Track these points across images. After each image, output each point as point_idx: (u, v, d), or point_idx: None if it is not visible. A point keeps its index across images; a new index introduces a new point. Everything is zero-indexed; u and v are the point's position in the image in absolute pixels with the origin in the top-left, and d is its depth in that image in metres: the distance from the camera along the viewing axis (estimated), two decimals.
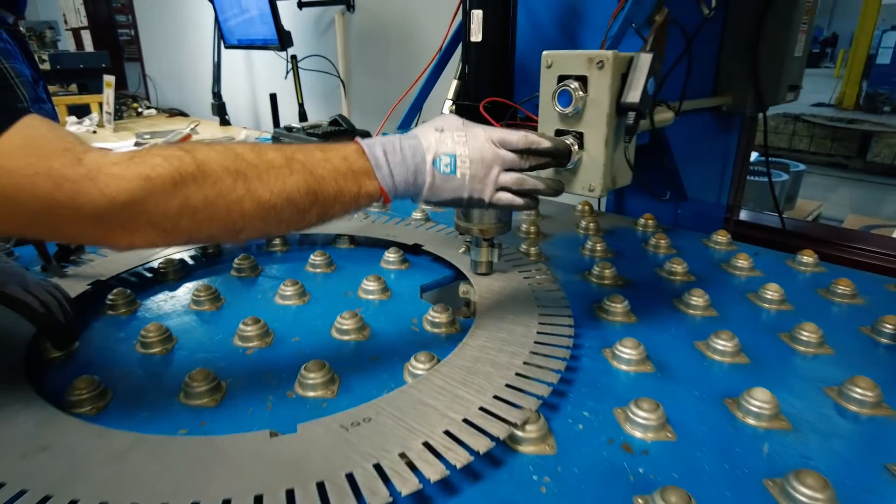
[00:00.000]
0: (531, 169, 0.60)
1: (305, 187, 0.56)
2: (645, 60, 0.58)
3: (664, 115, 0.80)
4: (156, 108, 3.82)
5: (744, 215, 1.50)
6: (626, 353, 0.70)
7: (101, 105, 3.23)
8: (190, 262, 1.05)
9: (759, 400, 0.60)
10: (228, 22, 2.52)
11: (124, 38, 5.41)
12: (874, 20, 9.29)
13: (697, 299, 0.84)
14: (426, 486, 0.49)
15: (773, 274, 0.98)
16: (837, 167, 6.02)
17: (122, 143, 2.61)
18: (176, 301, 0.89)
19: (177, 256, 1.02)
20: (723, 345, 0.72)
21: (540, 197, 0.63)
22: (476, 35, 0.74)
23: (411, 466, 0.50)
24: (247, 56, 3.05)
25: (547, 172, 0.67)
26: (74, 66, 3.45)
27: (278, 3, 2.11)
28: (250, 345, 0.75)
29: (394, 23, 2.13)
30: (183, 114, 3.67)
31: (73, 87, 3.59)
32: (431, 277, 0.97)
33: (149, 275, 0.99)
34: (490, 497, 0.50)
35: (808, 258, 1.01)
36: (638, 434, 0.58)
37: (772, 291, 0.87)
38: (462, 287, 0.92)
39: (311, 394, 0.64)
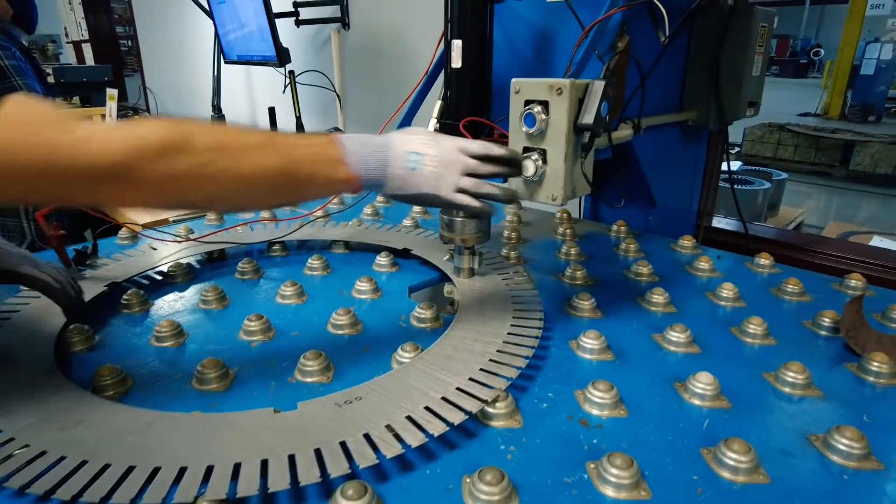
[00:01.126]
0: (490, 176, 0.69)
1: (282, 167, 0.62)
2: (598, 87, 0.67)
3: (623, 133, 0.90)
4: None
5: (715, 221, 1.59)
6: (589, 344, 0.79)
7: (103, 117, 3.31)
8: (196, 265, 1.13)
9: (702, 382, 0.69)
10: (228, 37, 2.61)
11: (123, 49, 5.50)
12: (857, 32, 9.49)
13: (658, 297, 0.93)
14: (408, 452, 0.58)
15: (732, 275, 1.07)
16: (822, 175, 6.16)
17: None
18: (185, 301, 0.98)
19: (184, 261, 1.10)
20: (676, 336, 0.81)
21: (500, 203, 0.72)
22: (456, 62, 0.83)
23: (396, 436, 0.58)
24: (246, 70, 3.14)
25: (517, 184, 0.76)
26: (78, 79, 3.54)
27: (277, 20, 2.21)
28: (254, 338, 0.83)
29: (386, 39, 2.23)
30: None
31: (76, 99, 3.67)
32: (419, 279, 1.06)
33: (159, 277, 1.08)
34: (463, 462, 0.58)
35: (764, 260, 1.10)
36: (594, 411, 0.66)
37: (727, 290, 0.96)
38: (446, 287, 1.01)
39: (309, 379, 0.73)
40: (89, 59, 5.48)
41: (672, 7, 0.88)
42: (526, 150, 0.73)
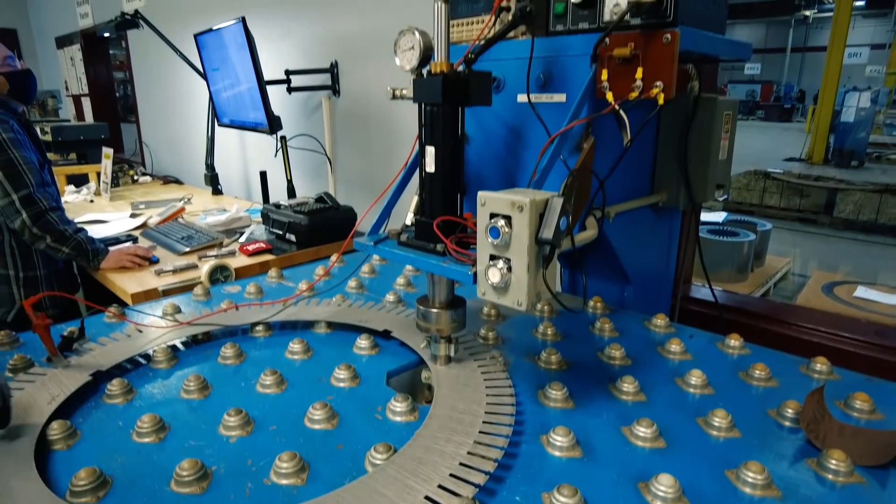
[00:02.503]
0: None
1: None
2: (557, 204, 0.71)
3: (587, 234, 0.94)
4: (151, 175, 3.98)
5: (693, 290, 1.63)
6: (559, 441, 0.81)
7: (98, 175, 3.38)
8: (181, 347, 1.16)
9: (664, 485, 0.71)
10: (221, 101, 2.70)
11: (120, 95, 5.64)
12: (836, 79, 9.82)
13: (629, 386, 0.96)
14: None
15: (701, 357, 1.10)
16: (807, 222, 6.27)
17: (118, 213, 2.74)
18: (168, 389, 1.00)
19: (170, 343, 1.13)
20: (643, 431, 0.83)
21: None
22: (430, 167, 0.88)
23: None
24: (239, 131, 3.23)
25: (487, 288, 0.80)
26: (75, 137, 3.63)
27: (269, 87, 2.30)
28: (233, 433, 0.85)
29: (375, 106, 2.32)
30: (178, 181, 3.83)
31: (73, 155, 3.75)
32: (398, 363, 1.09)
33: (143, 361, 1.10)
34: None
35: (734, 342, 1.13)
36: None
37: (696, 377, 0.99)
38: (424, 373, 1.04)
39: (283, 482, 0.75)
40: (87, 112, 5.61)
41: (640, 104, 0.94)
42: (493, 257, 0.77)
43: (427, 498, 0.67)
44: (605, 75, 0.89)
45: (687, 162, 1.22)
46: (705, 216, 4.83)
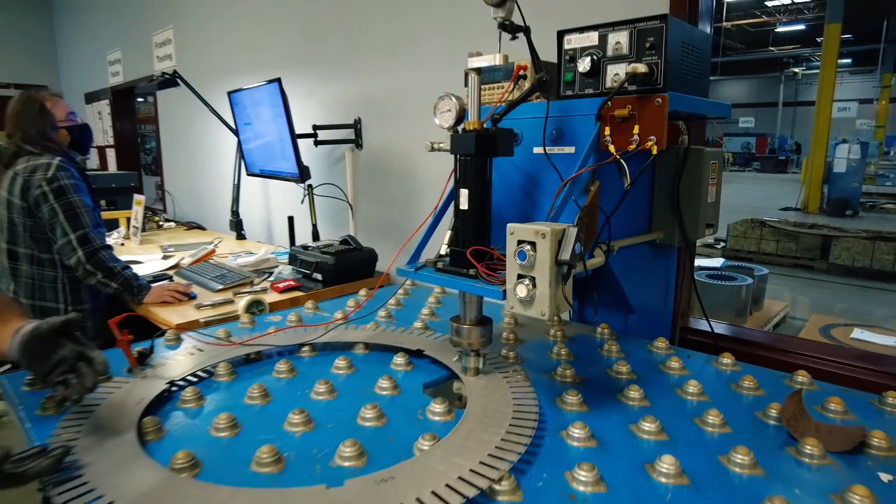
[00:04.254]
0: None
1: None
2: (572, 232, 0.89)
3: (596, 260, 1.11)
4: (175, 221, 4.19)
5: (693, 322, 1.79)
6: (577, 433, 0.96)
7: (128, 220, 3.59)
8: (235, 366, 1.31)
9: (666, 463, 0.86)
10: (251, 152, 2.93)
11: (145, 149, 5.94)
12: (826, 133, 10.20)
13: (634, 393, 1.11)
14: None
15: (698, 373, 1.25)
16: (804, 268, 6.45)
17: (149, 255, 2.92)
18: (233, 396, 1.15)
19: (227, 361, 1.28)
20: (648, 426, 0.98)
21: None
22: (463, 205, 1.06)
23: None
24: (264, 180, 3.45)
25: (514, 302, 0.96)
26: (108, 185, 3.87)
27: (297, 140, 2.52)
28: (297, 429, 1.00)
29: (395, 159, 2.53)
30: (200, 227, 4.04)
31: (103, 202, 3.97)
32: (432, 377, 1.24)
33: (206, 375, 1.25)
34: None
35: (727, 359, 1.29)
36: (580, 488, 0.83)
37: (693, 386, 1.14)
38: (456, 384, 1.19)
39: (347, 464, 0.89)
40: (111, 162, 5.89)
41: (637, 154, 1.13)
42: (520, 277, 0.94)
43: (472, 471, 0.82)
44: (607, 131, 1.08)
45: (679, 204, 1.40)
46: (704, 262, 5.01)
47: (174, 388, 1.17)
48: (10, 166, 2.12)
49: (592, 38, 1.12)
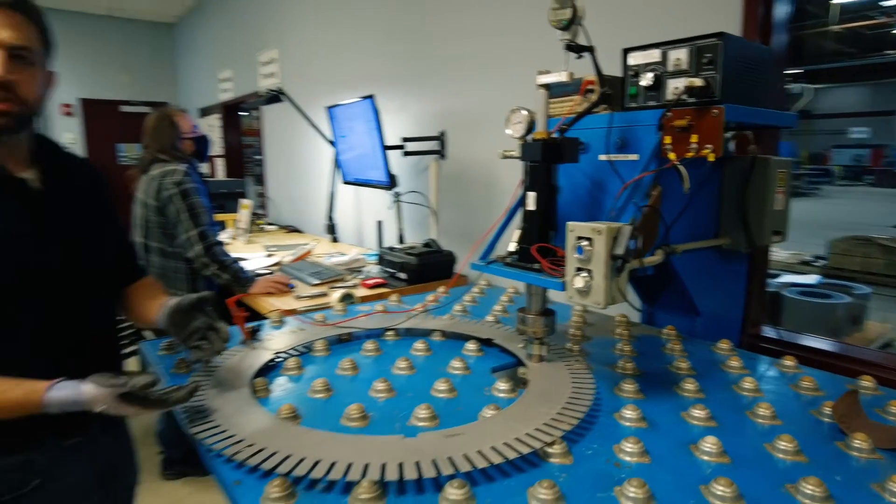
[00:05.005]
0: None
1: None
2: (626, 230, 0.99)
3: (653, 258, 1.20)
4: (275, 225, 4.59)
5: (765, 331, 1.79)
6: (629, 414, 1.05)
7: (235, 222, 3.99)
8: (329, 344, 1.50)
9: (709, 443, 0.94)
10: (347, 163, 3.20)
11: (248, 161, 6.51)
12: None
13: (690, 386, 1.18)
14: (490, 470, 0.86)
15: (758, 373, 1.29)
16: None
17: (254, 254, 3.25)
18: (327, 368, 1.33)
19: (322, 340, 1.47)
20: (698, 413, 1.06)
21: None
22: (531, 206, 1.19)
23: (484, 458, 0.87)
24: (356, 188, 3.73)
25: (572, 292, 1.08)
26: (218, 190, 4.31)
27: (388, 152, 2.74)
28: (381, 395, 1.16)
29: (476, 168, 2.69)
30: (298, 230, 4.39)
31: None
32: (499, 362, 1.36)
33: (305, 350, 1.45)
34: (529, 479, 0.86)
35: (789, 362, 1.32)
36: (626, 458, 0.92)
37: (748, 382, 1.19)
38: (521, 370, 1.31)
39: (421, 424, 1.04)
40: (219, 170, 6.48)
41: (702, 163, 1.20)
42: (578, 269, 1.06)
43: (527, 434, 0.94)
44: (668, 140, 1.17)
45: (746, 211, 1.45)
46: (797, 278, 4.77)
47: (279, 359, 1.37)
48: (146, 172, 2.48)
49: (654, 54, 1.22)
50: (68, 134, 7.09)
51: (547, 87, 1.18)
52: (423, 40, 2.98)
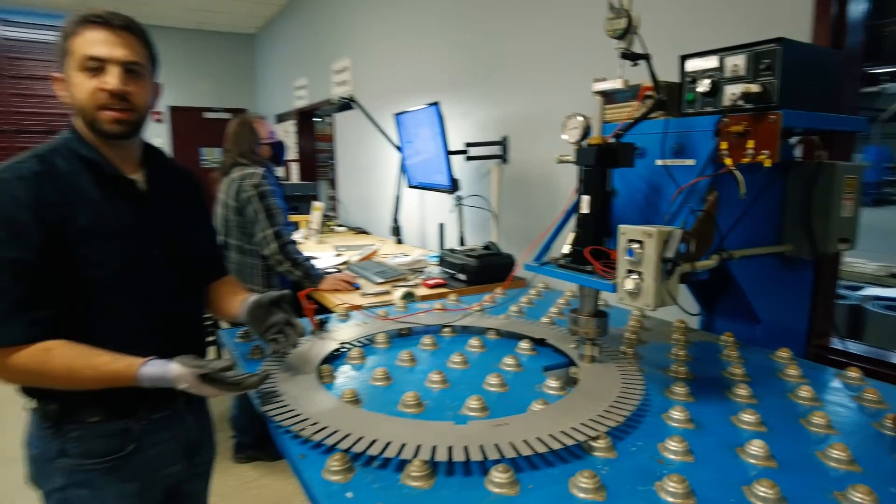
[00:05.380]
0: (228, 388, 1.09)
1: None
2: (677, 234, 1.01)
3: (706, 262, 1.20)
4: (344, 226, 4.78)
5: (833, 343, 1.73)
6: (676, 415, 1.07)
7: (308, 223, 4.19)
8: (389, 338, 1.58)
9: (756, 446, 0.94)
10: (412, 167, 3.31)
11: (320, 165, 6.81)
12: None
13: (743, 391, 1.18)
14: (534, 459, 0.91)
15: (817, 382, 1.27)
16: None
17: (324, 253, 3.42)
18: (387, 358, 1.42)
19: (383, 334, 1.56)
20: (747, 418, 1.06)
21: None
22: (584, 209, 1.23)
23: (529, 446, 0.92)
24: (420, 191, 3.84)
25: (622, 293, 1.10)
26: (292, 193, 4.54)
27: (451, 157, 2.82)
28: (435, 386, 1.23)
29: (536, 173, 2.72)
30: (365, 232, 4.56)
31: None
32: (552, 361, 1.40)
33: (367, 342, 1.54)
34: (571, 469, 0.90)
35: (853, 373, 1.28)
36: (670, 456, 0.95)
37: (805, 391, 1.17)
38: (572, 369, 1.34)
39: (472, 414, 1.09)
40: (294, 174, 6.80)
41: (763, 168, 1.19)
42: (629, 272, 1.08)
43: (573, 427, 0.98)
44: (724, 145, 1.18)
45: (810, 217, 1.42)
46: (884, 291, 4.47)
47: (344, 349, 1.47)
48: (226, 175, 2.68)
49: (712, 61, 1.22)
50: (157, 139, 7.66)
51: (602, 93, 1.22)
52: (487, 47, 3.04)
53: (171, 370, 1.10)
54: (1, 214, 1.08)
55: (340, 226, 4.80)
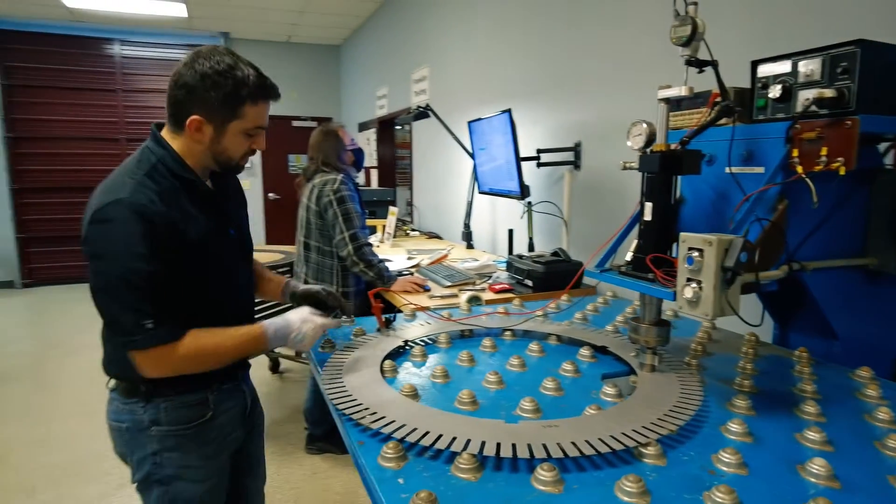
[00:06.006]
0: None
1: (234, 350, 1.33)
2: (738, 242, 0.99)
3: (772, 273, 1.16)
4: (419, 231, 4.91)
5: None
6: (734, 428, 1.04)
7: (383, 227, 4.35)
8: (451, 339, 1.63)
9: (817, 465, 0.91)
10: (483, 174, 3.36)
11: (400, 172, 7.00)
12: None
13: (811, 409, 1.13)
14: (582, 461, 0.93)
15: None
16: None
17: (397, 256, 3.54)
18: (448, 358, 1.47)
19: (445, 334, 1.61)
20: (813, 436, 1.01)
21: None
22: (647, 217, 1.22)
23: (577, 448, 0.94)
24: (492, 198, 3.88)
25: (682, 303, 1.09)
26: (370, 198, 4.72)
27: (522, 163, 2.85)
28: (492, 387, 1.27)
29: (609, 179, 2.69)
30: (438, 236, 4.66)
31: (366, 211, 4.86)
32: (611, 369, 1.40)
33: (430, 341, 1.60)
34: (618, 474, 0.91)
35: None
36: (722, 468, 0.93)
37: (884, 413, 1.11)
38: (632, 378, 1.33)
39: (525, 415, 1.12)
40: (373, 180, 7.03)
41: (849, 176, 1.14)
42: (689, 280, 1.07)
43: (623, 433, 0.99)
44: (795, 152, 1.14)
45: None
46: None
47: (407, 347, 1.54)
48: (309, 180, 2.84)
49: (785, 66, 1.18)
50: None
51: (667, 100, 1.21)
52: (560, 53, 3.04)
53: (289, 316, 1.38)
54: (137, 234, 1.19)
55: (414, 230, 4.93)
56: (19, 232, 7.48)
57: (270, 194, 8.49)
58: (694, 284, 1.06)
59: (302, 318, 1.36)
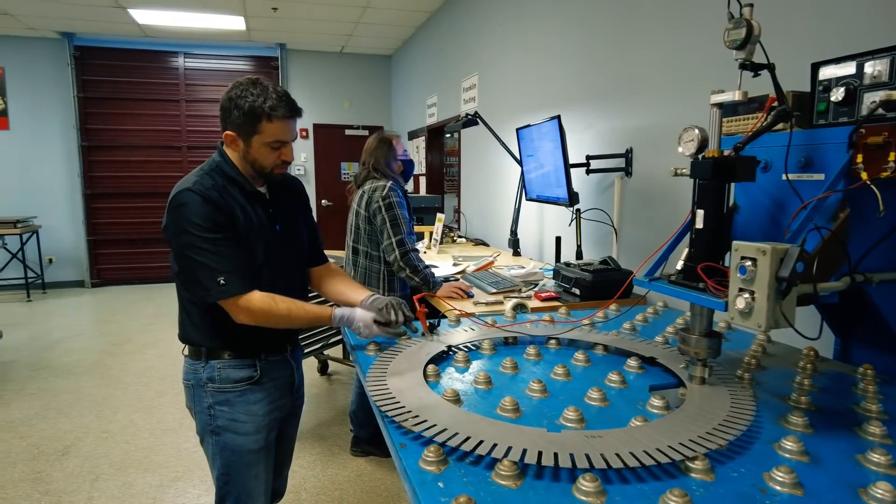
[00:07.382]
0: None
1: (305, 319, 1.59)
2: (794, 252, 0.95)
3: (831, 284, 1.10)
4: (465, 238, 4.92)
5: None
6: (788, 446, 1.00)
7: (430, 234, 4.38)
8: (495, 345, 1.63)
9: (882, 489, 0.86)
10: (531, 180, 3.34)
11: (449, 179, 7.04)
12: None
13: (875, 429, 1.06)
14: (626, 473, 0.91)
15: None
16: None
17: (443, 262, 3.56)
18: (491, 364, 1.47)
19: (489, 340, 1.61)
20: (877, 458, 0.96)
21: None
22: (699, 224, 1.19)
23: (621, 460, 0.92)
24: (539, 205, 3.85)
25: (733, 313, 1.06)
26: (418, 205, 4.77)
27: (571, 169, 2.81)
28: (535, 395, 1.26)
29: (661, 186, 2.62)
30: (484, 244, 4.66)
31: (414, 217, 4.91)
32: (660, 381, 1.36)
33: (474, 347, 1.60)
34: (663, 488, 0.88)
35: None
36: (775, 486, 0.89)
37: None
38: (680, 390, 1.30)
39: (569, 424, 1.11)
40: (422, 187, 7.10)
41: None
42: (741, 290, 1.04)
43: (670, 446, 0.96)
44: (859, 158, 1.08)
45: None
46: None
47: (451, 352, 1.55)
48: (360, 187, 2.90)
49: (849, 67, 1.13)
50: (302, 154, 8.41)
51: (720, 105, 1.18)
52: (611, 59, 3.00)
53: (356, 312, 1.60)
54: (203, 212, 1.49)
55: (461, 237, 4.94)
56: (90, 235, 7.95)
57: (323, 201, 8.69)
58: (746, 295, 1.03)
59: (365, 323, 1.57)
